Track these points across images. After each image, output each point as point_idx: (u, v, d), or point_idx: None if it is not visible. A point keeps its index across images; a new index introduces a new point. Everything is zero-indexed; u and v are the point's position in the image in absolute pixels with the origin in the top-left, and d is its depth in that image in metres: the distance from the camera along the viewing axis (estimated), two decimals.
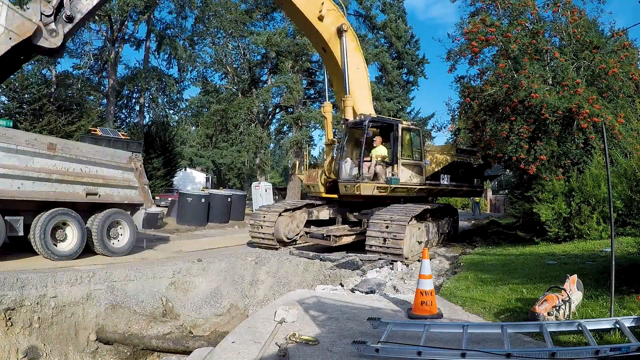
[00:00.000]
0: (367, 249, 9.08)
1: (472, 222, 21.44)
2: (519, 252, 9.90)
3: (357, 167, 9.92)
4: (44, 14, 6.31)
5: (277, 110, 31.97)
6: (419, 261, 8.31)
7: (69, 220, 8.37)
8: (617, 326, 3.79)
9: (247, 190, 29.76)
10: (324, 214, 11.10)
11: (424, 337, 3.83)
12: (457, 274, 7.83)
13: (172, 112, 39.32)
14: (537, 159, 10.67)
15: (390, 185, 10.11)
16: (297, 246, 11.14)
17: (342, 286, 7.24)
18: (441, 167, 12.24)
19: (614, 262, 4.27)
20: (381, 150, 10.54)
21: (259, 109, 30.58)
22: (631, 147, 8.07)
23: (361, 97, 11.44)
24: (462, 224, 17.91)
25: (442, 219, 12.31)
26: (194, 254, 10.07)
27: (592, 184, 9.72)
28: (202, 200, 17.23)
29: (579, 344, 3.84)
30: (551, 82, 11.06)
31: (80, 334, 6.59)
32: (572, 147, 10.71)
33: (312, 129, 28.81)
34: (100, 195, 9.02)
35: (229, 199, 18.71)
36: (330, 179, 11.01)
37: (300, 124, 26.93)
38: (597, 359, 3.29)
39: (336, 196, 11.06)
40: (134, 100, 36.13)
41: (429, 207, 10.60)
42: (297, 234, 11.26)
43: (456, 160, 12.83)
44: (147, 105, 35.83)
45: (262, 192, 23.33)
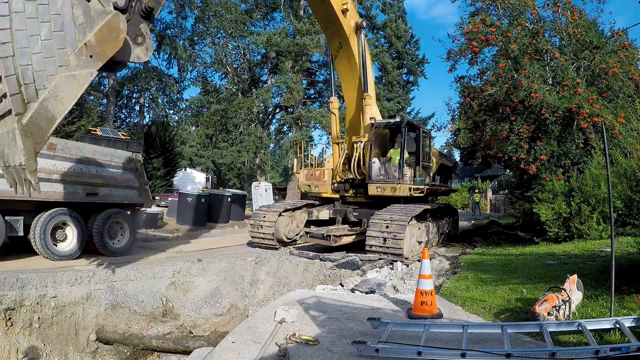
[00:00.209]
0: (367, 249, 9.08)
1: (472, 222, 21.44)
2: (519, 252, 9.90)
3: (398, 168, 10.18)
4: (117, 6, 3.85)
5: (277, 110, 31.97)
6: (419, 261, 8.31)
7: (69, 220, 8.37)
8: (617, 326, 3.79)
9: (247, 190, 29.74)
10: (324, 214, 11.10)
11: (424, 337, 3.83)
12: (457, 274, 7.83)
13: (172, 112, 39.38)
14: (537, 159, 10.67)
15: (419, 186, 10.59)
16: (297, 246, 11.13)
17: (342, 286, 7.24)
18: (436, 168, 12.45)
19: (614, 262, 4.27)
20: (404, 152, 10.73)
21: (259, 109, 30.58)
22: (631, 147, 8.07)
23: (374, 97, 11.45)
24: (462, 224, 17.92)
25: (442, 219, 12.32)
26: (194, 254, 10.07)
27: (592, 184, 9.72)
28: (202, 200, 17.24)
29: (579, 344, 3.84)
30: (551, 82, 11.06)
31: (80, 334, 6.59)
32: (572, 147, 10.71)
33: (312, 129, 28.81)
34: (100, 195, 9.02)
35: (229, 199, 18.71)
36: (343, 179, 11.00)
37: (300, 124, 26.93)
38: (597, 359, 3.29)
39: (337, 196, 11.09)
40: (134, 100, 36.18)
41: (429, 207, 10.60)
42: (297, 234, 11.26)
43: (442, 162, 13.18)
44: (147, 105, 35.87)
45: (262, 192, 23.33)
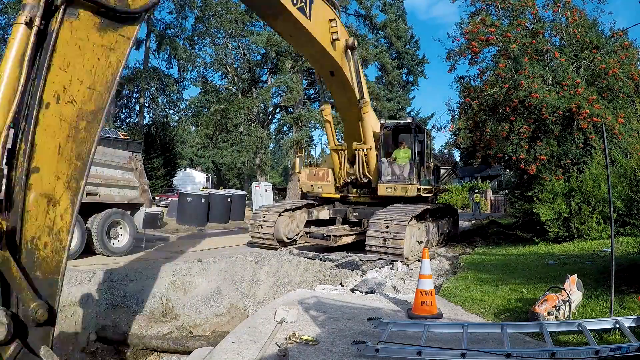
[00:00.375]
0: (367, 249, 9.08)
1: (472, 222, 21.43)
2: (519, 252, 9.90)
3: (409, 168, 10.32)
4: None
5: (277, 110, 31.99)
6: (419, 261, 8.31)
7: None
8: (617, 326, 3.79)
9: (247, 190, 29.75)
10: (324, 214, 11.11)
11: (424, 337, 3.83)
12: (457, 274, 7.83)
13: (172, 112, 39.36)
14: (537, 159, 10.68)
15: (426, 186, 10.70)
16: (297, 246, 11.13)
17: (342, 286, 7.24)
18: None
19: (614, 262, 4.27)
20: (409, 152, 10.81)
21: (259, 109, 30.59)
22: (631, 147, 8.07)
23: (369, 101, 11.36)
24: (462, 224, 17.91)
25: (442, 219, 12.32)
26: (194, 253, 10.07)
27: (592, 184, 9.72)
28: (202, 200, 17.21)
29: (579, 344, 3.84)
30: (551, 82, 11.06)
31: (80, 334, 6.58)
32: (572, 147, 10.72)
33: (312, 129, 28.83)
34: (100, 195, 9.01)
35: (229, 199, 18.69)
36: (347, 182, 11.08)
37: (300, 124, 26.94)
38: (597, 359, 3.29)
39: (338, 196, 11.15)
40: (134, 100, 36.15)
41: (429, 207, 10.61)
42: (297, 234, 11.26)
43: (436, 164, 13.31)
44: (147, 105, 35.85)
45: (262, 192, 23.32)
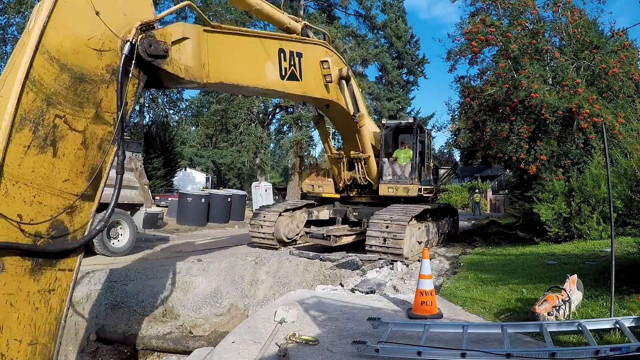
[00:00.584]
0: (367, 249, 9.08)
1: (472, 222, 21.43)
2: (519, 252, 9.90)
3: (410, 169, 10.35)
4: None
5: (277, 110, 31.97)
6: (419, 261, 8.31)
7: None
8: (617, 326, 3.79)
9: (247, 190, 29.76)
10: (324, 214, 11.11)
11: (424, 337, 3.83)
12: (457, 274, 7.83)
13: (172, 112, 39.33)
14: (537, 159, 10.67)
15: (427, 186, 10.73)
16: (297, 246, 11.13)
17: (342, 286, 7.24)
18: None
19: (614, 262, 4.27)
20: (410, 152, 10.83)
21: (259, 109, 30.59)
22: (631, 147, 8.08)
23: (366, 112, 11.26)
24: (462, 224, 17.91)
25: (442, 219, 12.32)
26: (194, 253, 10.07)
27: (592, 184, 9.72)
28: (202, 200, 17.23)
29: (579, 344, 3.84)
30: (551, 82, 11.06)
31: (80, 334, 6.58)
32: (572, 147, 10.72)
33: (312, 129, 28.80)
34: None
35: (229, 199, 18.70)
36: (348, 184, 11.09)
37: (300, 124, 26.92)
38: (597, 359, 3.29)
39: (338, 196, 11.16)
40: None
41: (429, 207, 10.61)
42: (297, 234, 11.26)
43: (435, 164, 13.31)
44: (147, 105, 35.82)
45: (262, 192, 23.32)
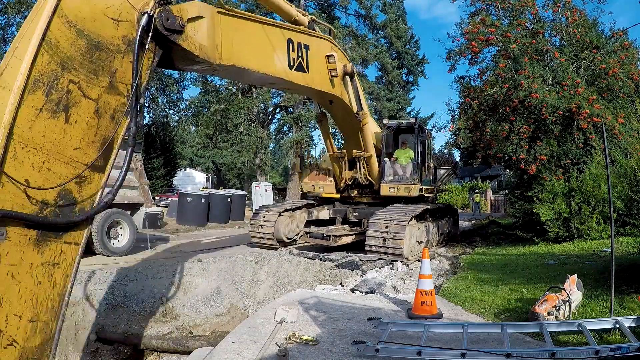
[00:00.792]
0: (367, 249, 9.08)
1: (472, 222, 21.43)
2: (519, 252, 9.90)
3: (412, 169, 10.36)
4: None
5: (277, 110, 31.96)
6: (419, 261, 8.31)
7: None
8: (617, 326, 3.79)
9: (247, 190, 29.77)
10: (324, 214, 11.11)
11: (424, 337, 3.83)
12: (457, 274, 7.83)
13: (172, 112, 39.38)
14: (537, 159, 10.67)
15: (428, 186, 10.76)
16: (297, 246, 11.13)
17: (342, 286, 7.24)
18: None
19: (614, 262, 4.27)
20: (411, 152, 10.83)
21: (259, 109, 30.58)
22: (631, 147, 8.08)
23: (368, 111, 11.29)
24: (462, 224, 17.91)
25: (442, 219, 12.32)
26: (194, 253, 10.07)
27: (592, 184, 9.72)
28: (202, 200, 17.23)
29: (579, 344, 3.84)
30: (551, 82, 11.06)
31: (80, 334, 6.58)
32: (572, 147, 10.71)
33: (312, 129, 28.81)
34: None
35: (229, 199, 18.70)
36: (349, 184, 11.10)
37: (300, 124, 26.92)
38: (597, 359, 3.29)
39: (338, 196, 11.16)
40: None
41: (429, 207, 10.61)
42: (297, 234, 11.26)
43: (434, 164, 13.30)
44: (147, 105, 35.83)
45: (262, 192, 23.32)
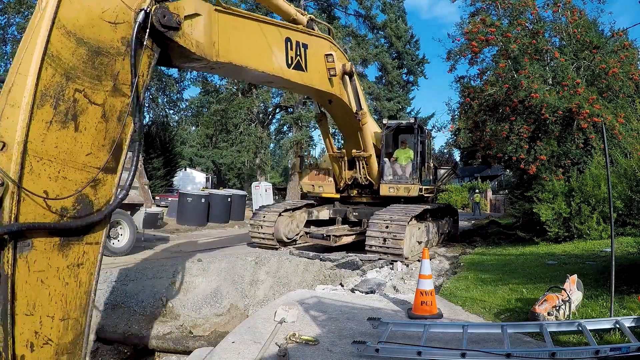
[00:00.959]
0: (367, 249, 9.08)
1: (472, 222, 21.43)
2: (519, 252, 9.90)
3: (412, 169, 10.39)
4: None
5: (277, 110, 31.97)
6: (419, 261, 8.31)
7: None
8: (617, 326, 3.79)
9: (247, 190, 29.77)
10: (324, 214, 11.11)
11: (424, 337, 3.83)
12: (457, 274, 7.83)
13: (172, 112, 39.32)
14: (537, 159, 10.67)
15: (428, 186, 10.76)
16: (297, 246, 11.13)
17: (342, 286, 7.24)
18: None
19: (614, 262, 4.27)
20: (410, 152, 10.84)
21: (259, 109, 30.57)
22: (631, 147, 8.08)
23: (368, 111, 11.26)
24: (462, 224, 17.91)
25: (442, 219, 12.32)
26: (194, 253, 10.07)
27: (592, 184, 9.72)
28: (202, 200, 17.23)
29: (579, 344, 3.84)
30: (551, 82, 11.06)
31: None
32: (572, 147, 10.71)
33: (312, 129, 28.81)
34: None
35: (229, 199, 18.71)
36: (348, 184, 11.11)
37: (300, 124, 26.92)
38: (597, 359, 3.29)
39: (338, 196, 11.16)
40: None
41: (429, 207, 10.61)
42: (297, 234, 11.26)
43: (434, 164, 13.29)
44: (147, 105, 35.82)
45: (262, 192, 23.32)
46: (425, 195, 10.90)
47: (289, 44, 6.11)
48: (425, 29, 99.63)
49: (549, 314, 4.40)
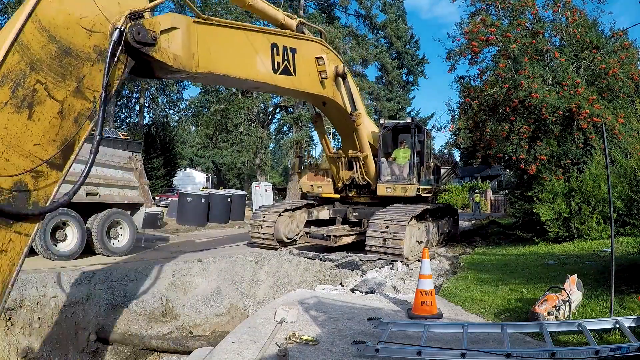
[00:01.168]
0: (367, 249, 9.08)
1: (472, 222, 21.43)
2: (519, 252, 9.90)
3: (408, 169, 10.39)
4: None
5: (277, 110, 31.96)
6: (419, 261, 8.31)
7: (68, 220, 8.36)
8: (617, 326, 3.79)
9: (247, 190, 29.76)
10: (324, 214, 11.10)
11: (424, 337, 3.83)
12: (457, 274, 7.83)
13: (172, 112, 39.41)
14: (537, 159, 10.67)
15: (426, 186, 10.75)
16: (297, 246, 11.13)
17: (342, 286, 7.24)
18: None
19: (614, 262, 4.27)
20: (409, 152, 10.83)
21: (259, 109, 30.57)
22: (631, 147, 8.07)
23: (364, 111, 11.20)
24: (462, 224, 17.91)
25: (442, 219, 12.32)
26: (194, 254, 10.07)
27: (592, 184, 9.71)
28: (202, 200, 17.23)
29: (579, 344, 3.84)
30: (551, 82, 11.06)
31: (80, 334, 6.58)
32: (572, 147, 10.71)
33: (312, 129, 28.79)
34: (100, 195, 9.01)
35: (229, 199, 18.70)
36: (346, 184, 11.07)
37: (300, 124, 26.92)
38: (597, 359, 3.29)
39: (338, 196, 11.16)
40: (134, 100, 36.18)
41: (429, 207, 10.61)
42: (297, 234, 11.26)
43: (436, 163, 13.29)
44: (147, 105, 35.86)
45: (262, 192, 23.31)
46: (423, 195, 10.86)
47: (275, 49, 6.14)
48: (425, 29, 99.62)
49: (549, 314, 4.40)
